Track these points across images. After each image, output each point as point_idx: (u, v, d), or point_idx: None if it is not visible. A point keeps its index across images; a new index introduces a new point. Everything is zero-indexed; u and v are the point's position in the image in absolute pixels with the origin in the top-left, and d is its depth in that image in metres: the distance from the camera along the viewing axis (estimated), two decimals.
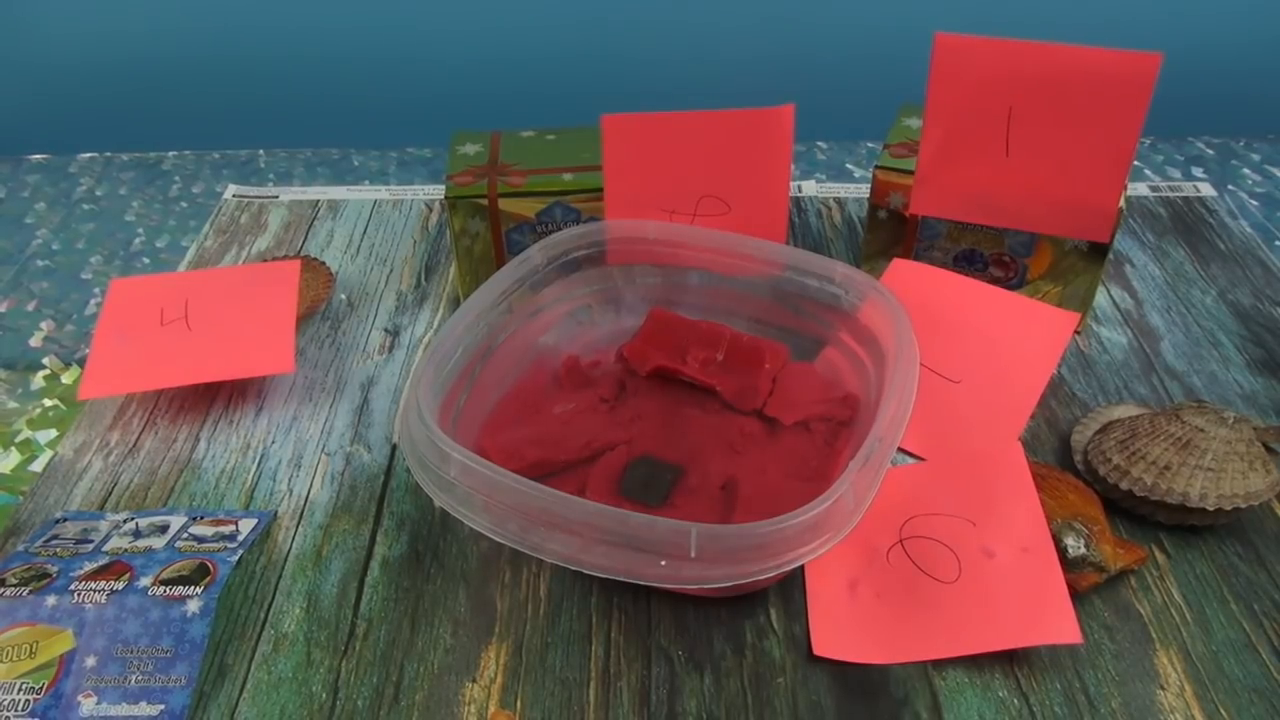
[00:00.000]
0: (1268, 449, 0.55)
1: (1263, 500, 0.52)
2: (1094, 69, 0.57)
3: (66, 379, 1.31)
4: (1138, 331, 0.70)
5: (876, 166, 0.68)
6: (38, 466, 1.18)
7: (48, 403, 1.27)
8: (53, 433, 1.23)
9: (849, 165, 1.78)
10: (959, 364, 0.59)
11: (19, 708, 0.44)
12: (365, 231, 0.83)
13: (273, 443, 0.61)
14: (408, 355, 0.69)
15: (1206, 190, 0.87)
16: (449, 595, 0.51)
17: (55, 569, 0.49)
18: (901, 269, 0.63)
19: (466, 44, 1.75)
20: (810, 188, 0.88)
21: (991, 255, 0.68)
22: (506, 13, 1.71)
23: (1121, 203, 0.62)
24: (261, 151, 1.87)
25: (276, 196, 0.88)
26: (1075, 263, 0.66)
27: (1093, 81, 0.57)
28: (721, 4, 1.72)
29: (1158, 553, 0.53)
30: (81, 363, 1.17)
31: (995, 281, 0.68)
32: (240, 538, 0.53)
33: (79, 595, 0.47)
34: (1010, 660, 0.48)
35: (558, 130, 0.75)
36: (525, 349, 0.60)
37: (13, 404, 1.27)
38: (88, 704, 0.45)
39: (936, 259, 0.70)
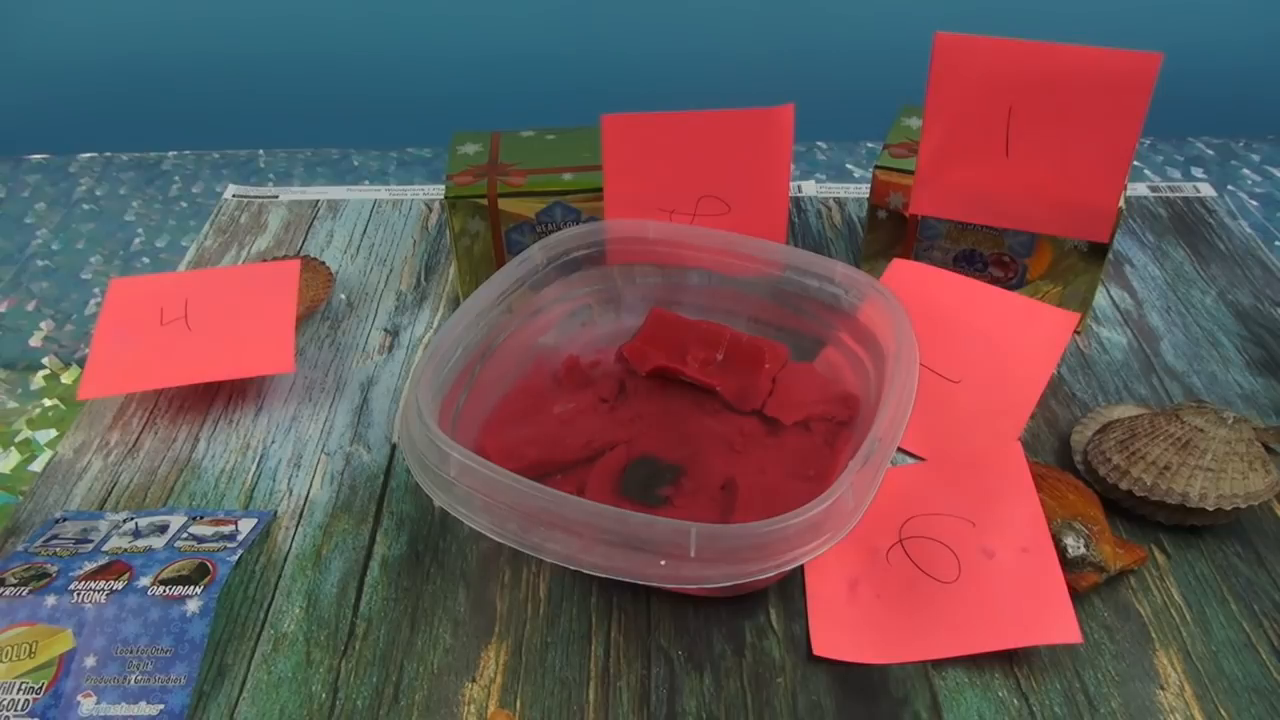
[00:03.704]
0: (1267, 449, 0.55)
1: (1262, 500, 0.52)
2: (1094, 69, 0.57)
3: (66, 379, 1.31)
4: (1137, 332, 0.70)
5: (876, 166, 0.68)
6: (37, 466, 1.18)
7: (47, 402, 1.27)
8: (52, 433, 1.22)
9: (849, 165, 1.78)
10: (959, 364, 0.59)
11: (18, 707, 0.44)
12: (365, 231, 0.83)
13: (272, 443, 0.61)
14: (407, 355, 0.69)
15: (1206, 190, 0.87)
16: (448, 595, 0.51)
17: (55, 569, 0.49)
18: (901, 269, 0.63)
19: (466, 44, 1.74)
20: (810, 188, 0.88)
21: (991, 255, 0.68)
22: (506, 12, 1.71)
23: (1121, 203, 0.62)
24: (261, 151, 1.86)
25: (276, 196, 0.88)
26: (1075, 263, 0.66)
27: (1093, 81, 0.57)
28: (721, 4, 1.72)
29: (1157, 553, 0.53)
30: (81, 362, 1.16)
31: (995, 281, 0.68)
32: (240, 537, 0.53)
33: (78, 595, 0.47)
34: (1010, 660, 0.48)
35: (558, 130, 0.75)
36: (525, 349, 0.60)
37: (12, 404, 1.27)
38: (87, 704, 0.45)
39: (936, 259, 0.70)
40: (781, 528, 0.41)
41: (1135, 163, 1.65)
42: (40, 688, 0.45)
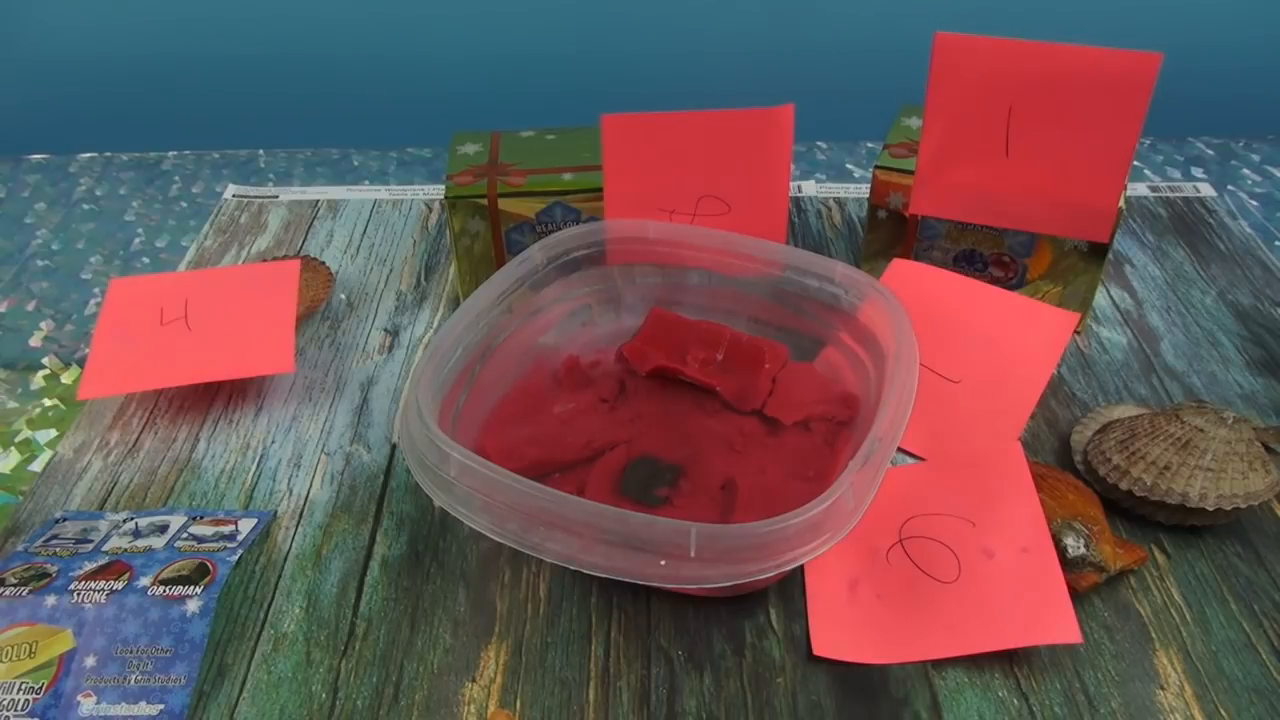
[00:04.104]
0: (1267, 449, 0.55)
1: (1262, 500, 0.52)
2: (1094, 69, 0.57)
3: (66, 379, 1.31)
4: (1137, 332, 0.70)
5: (876, 166, 0.68)
6: (37, 466, 1.18)
7: (47, 402, 1.27)
8: (52, 433, 1.22)
9: (849, 165, 1.78)
10: (959, 364, 0.59)
11: (19, 707, 0.44)
12: (365, 231, 0.83)
13: (272, 443, 0.61)
14: (408, 355, 0.69)
15: (1206, 190, 0.87)
16: (448, 595, 0.51)
17: (55, 569, 0.49)
18: (901, 269, 0.63)
19: (466, 44, 1.75)
20: (810, 188, 0.88)
21: (991, 255, 0.68)
22: (506, 12, 1.71)
23: (1121, 203, 0.62)
24: (261, 151, 1.87)
25: (276, 196, 0.88)
26: (1075, 263, 0.66)
27: (1093, 81, 0.57)
28: (721, 4, 1.72)
29: (1158, 553, 0.53)
30: (81, 362, 1.16)
31: (995, 281, 0.68)
32: (240, 537, 0.53)
33: (79, 595, 0.47)
34: (1010, 660, 0.48)
35: (558, 130, 0.75)
36: (525, 349, 0.60)
37: (12, 404, 1.27)
38: (87, 704, 0.45)
39: (936, 259, 0.70)
40: (781, 528, 0.41)
41: (1135, 163, 1.65)
42: (40, 688, 0.45)
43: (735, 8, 1.72)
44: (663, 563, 0.42)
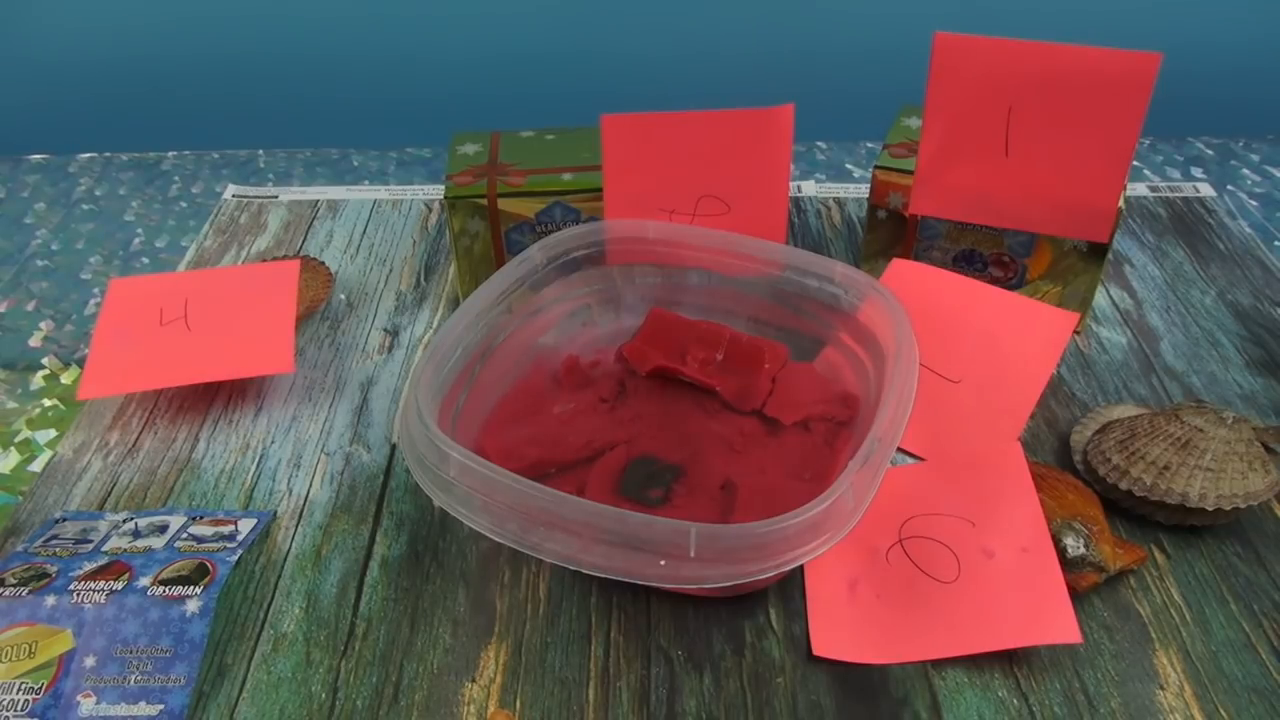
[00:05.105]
0: (1267, 449, 0.55)
1: (1262, 500, 0.52)
2: (1094, 69, 0.57)
3: (66, 379, 1.31)
4: (1137, 332, 0.70)
5: (876, 166, 0.68)
6: (37, 466, 1.18)
7: (47, 403, 1.27)
8: (52, 433, 1.22)
9: (849, 165, 1.78)
10: (959, 364, 0.59)
11: (18, 708, 0.44)
12: (365, 231, 0.83)
13: (272, 443, 0.61)
14: (407, 355, 0.69)
15: (1206, 190, 0.87)
16: (448, 595, 0.51)
17: (54, 569, 0.49)
18: (901, 269, 0.63)
19: (466, 44, 1.74)
20: (810, 188, 0.88)
21: (991, 255, 0.68)
22: (506, 12, 1.71)
23: (1121, 203, 0.62)
24: (261, 151, 1.86)
25: (276, 196, 0.88)
26: (1075, 263, 0.66)
27: (1093, 81, 0.57)
28: (721, 4, 1.72)
29: (1157, 553, 0.53)
30: (81, 363, 1.17)
31: (995, 281, 0.68)
32: (240, 538, 0.53)
33: (78, 595, 0.47)
34: (1010, 660, 0.48)
35: (558, 130, 0.75)
36: (525, 349, 0.60)
37: (12, 404, 1.27)
38: (87, 704, 0.45)
39: (936, 259, 0.70)
40: (781, 528, 0.41)
41: (1135, 163, 1.65)
42: (40, 688, 0.45)
43: (735, 8, 1.72)
44: (662, 563, 0.42)
